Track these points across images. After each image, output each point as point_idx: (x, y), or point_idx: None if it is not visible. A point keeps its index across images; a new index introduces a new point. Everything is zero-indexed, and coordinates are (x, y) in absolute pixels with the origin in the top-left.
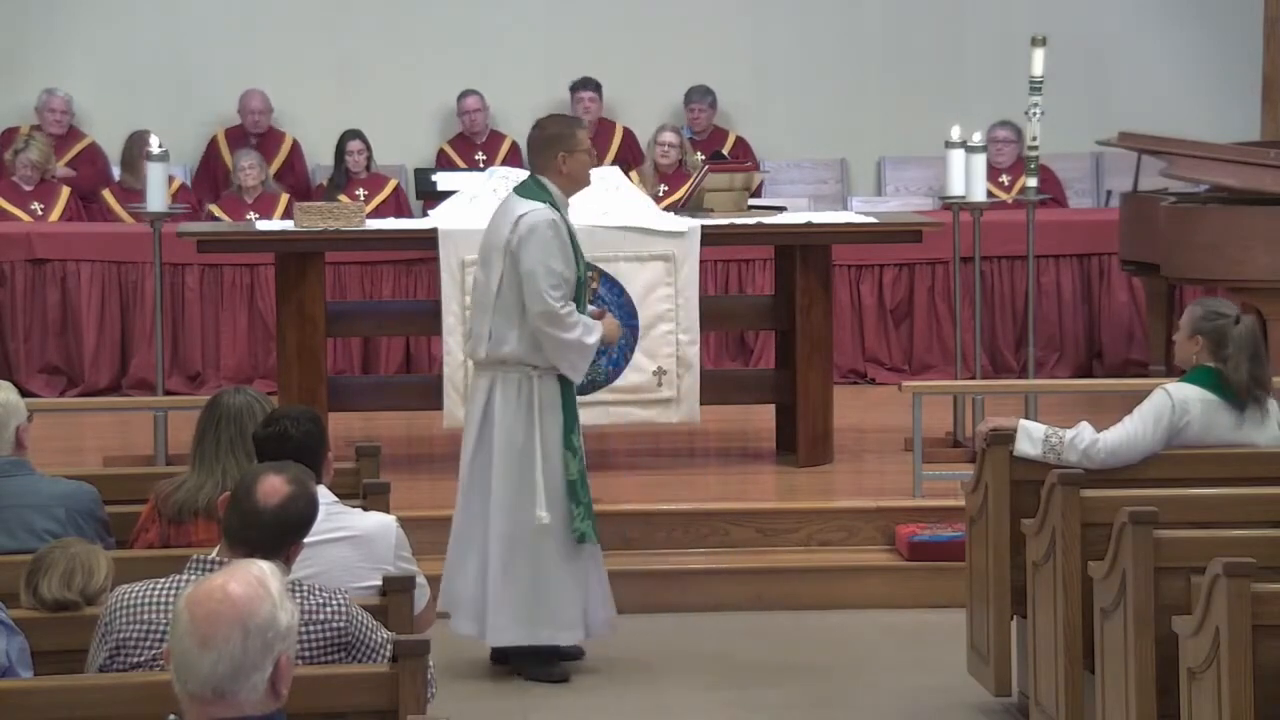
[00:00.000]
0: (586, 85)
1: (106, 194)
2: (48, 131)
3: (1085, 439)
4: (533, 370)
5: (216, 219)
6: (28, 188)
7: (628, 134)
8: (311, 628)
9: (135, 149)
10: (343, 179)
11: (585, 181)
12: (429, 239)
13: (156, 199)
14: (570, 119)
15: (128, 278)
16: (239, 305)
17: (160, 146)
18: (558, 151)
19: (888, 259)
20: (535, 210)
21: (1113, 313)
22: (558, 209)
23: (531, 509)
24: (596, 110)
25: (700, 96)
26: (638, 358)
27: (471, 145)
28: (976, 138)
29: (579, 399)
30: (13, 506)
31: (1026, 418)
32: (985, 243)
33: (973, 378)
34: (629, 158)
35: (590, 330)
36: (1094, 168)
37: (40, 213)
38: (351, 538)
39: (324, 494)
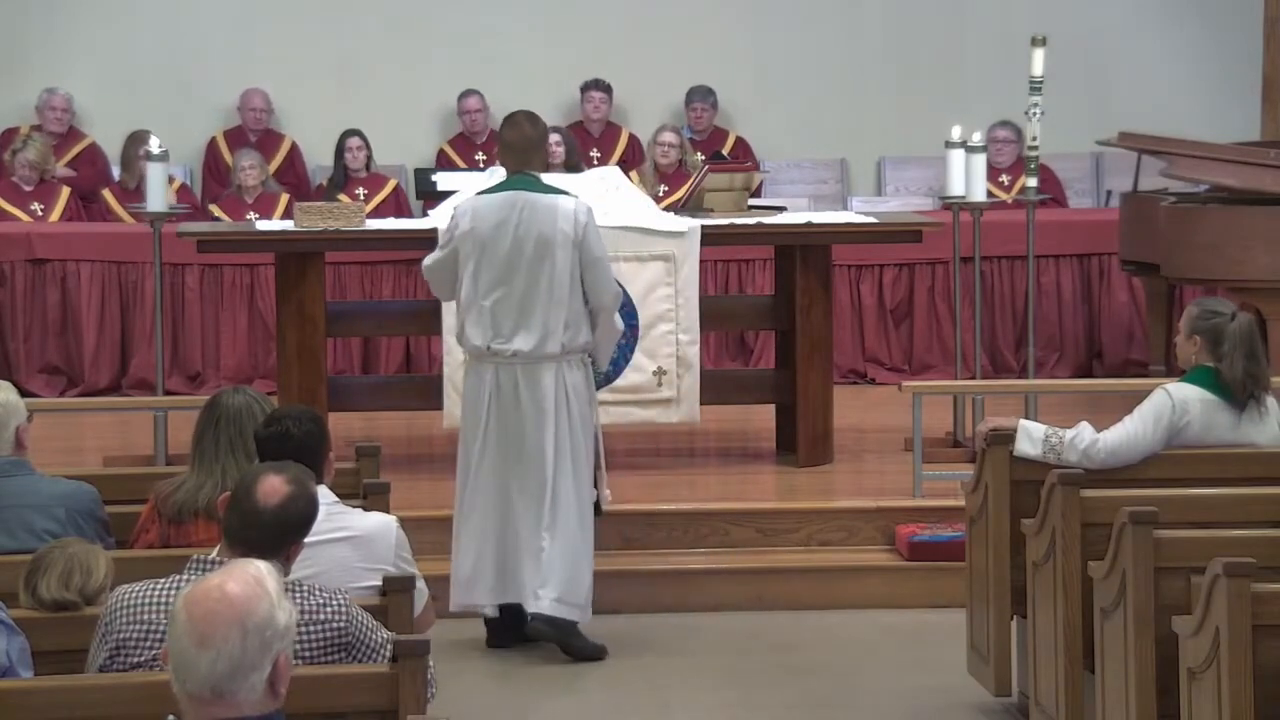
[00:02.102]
0: (597, 86)
1: (106, 194)
2: (48, 130)
3: (1085, 439)
4: (588, 356)
5: (217, 219)
6: (27, 188)
7: (632, 138)
8: (311, 628)
9: (132, 149)
10: (342, 178)
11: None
12: (429, 239)
13: (156, 199)
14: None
15: (128, 278)
16: (239, 305)
17: (160, 146)
18: (541, 151)
19: (888, 259)
20: (579, 200)
21: (1113, 313)
22: None
23: (593, 489)
24: (605, 111)
25: (701, 97)
26: (638, 358)
27: (471, 145)
28: (976, 138)
29: None
30: (13, 506)
31: (1026, 418)
32: (985, 243)
33: (973, 378)
34: (629, 158)
35: None
36: (1094, 168)
37: (40, 213)
38: (352, 538)
39: (324, 494)
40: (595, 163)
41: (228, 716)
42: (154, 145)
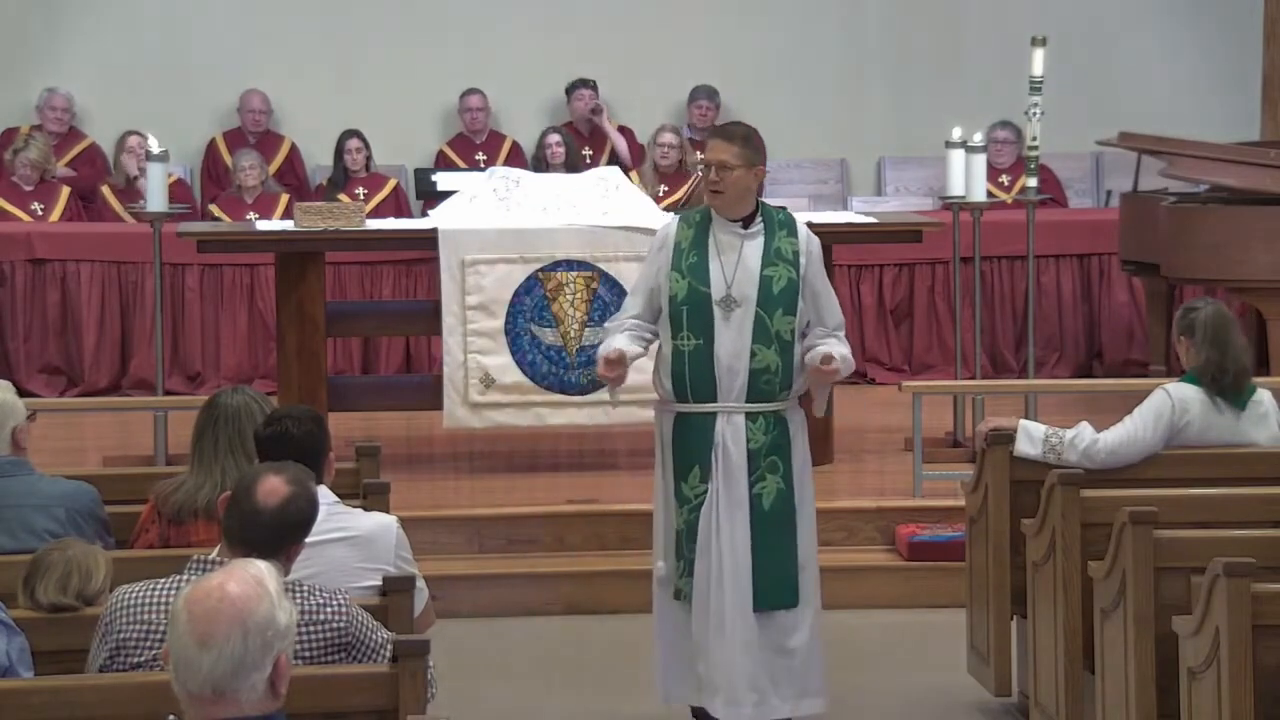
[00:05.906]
0: (585, 85)
1: (105, 189)
2: (48, 130)
3: (1085, 439)
4: (657, 402)
5: (216, 219)
6: (28, 188)
7: (624, 133)
8: (312, 628)
9: (119, 151)
10: (342, 178)
11: (709, 201)
12: (429, 239)
13: (156, 199)
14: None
15: (128, 278)
16: (239, 305)
17: (159, 147)
18: None
19: (888, 259)
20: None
21: (1113, 313)
22: (686, 220)
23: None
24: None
25: (707, 95)
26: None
27: (471, 145)
28: (976, 138)
29: (579, 398)
30: (13, 506)
31: (1026, 418)
32: (985, 243)
33: (973, 378)
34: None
35: (603, 345)
36: (1094, 168)
37: (40, 213)
38: (352, 538)
39: (325, 494)
40: (587, 162)
41: (229, 716)
42: (154, 145)
